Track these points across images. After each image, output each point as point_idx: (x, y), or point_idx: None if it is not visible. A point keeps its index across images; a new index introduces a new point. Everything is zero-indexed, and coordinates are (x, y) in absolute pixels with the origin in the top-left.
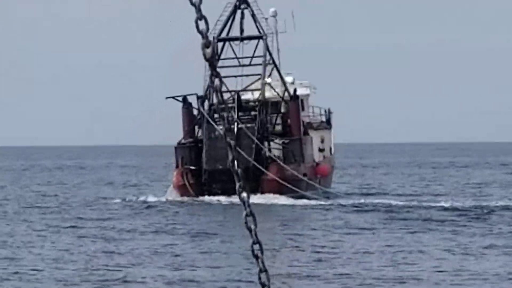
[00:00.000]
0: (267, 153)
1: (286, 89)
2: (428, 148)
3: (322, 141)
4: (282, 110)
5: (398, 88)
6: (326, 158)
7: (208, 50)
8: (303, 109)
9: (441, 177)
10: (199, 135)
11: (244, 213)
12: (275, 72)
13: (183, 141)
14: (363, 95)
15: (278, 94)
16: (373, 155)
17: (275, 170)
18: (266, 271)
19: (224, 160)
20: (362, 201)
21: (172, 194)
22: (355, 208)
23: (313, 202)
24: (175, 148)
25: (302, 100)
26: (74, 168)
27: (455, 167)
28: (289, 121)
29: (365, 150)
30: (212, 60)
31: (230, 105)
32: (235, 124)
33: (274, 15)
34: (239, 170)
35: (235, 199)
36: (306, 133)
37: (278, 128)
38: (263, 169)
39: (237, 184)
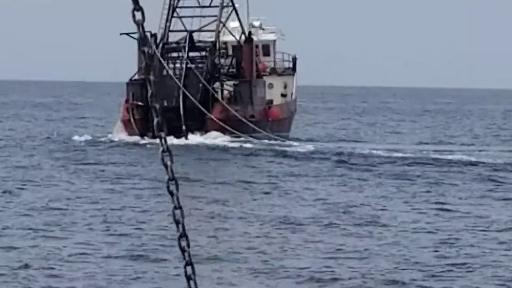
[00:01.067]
0: (213, 93)
1: (243, 32)
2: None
3: (285, 87)
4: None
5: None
6: (287, 103)
7: None
8: (268, 55)
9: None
10: None
11: (161, 149)
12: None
13: (136, 77)
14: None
15: (234, 36)
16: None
17: (218, 110)
18: (181, 208)
19: (171, 98)
20: (310, 147)
21: (119, 130)
22: (301, 154)
23: (257, 145)
24: (127, 84)
25: (268, 46)
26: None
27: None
28: (242, 63)
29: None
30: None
31: (181, 44)
32: (185, 63)
33: None
34: (157, 106)
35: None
36: (259, 77)
37: (233, 70)
38: (204, 110)
39: (155, 120)
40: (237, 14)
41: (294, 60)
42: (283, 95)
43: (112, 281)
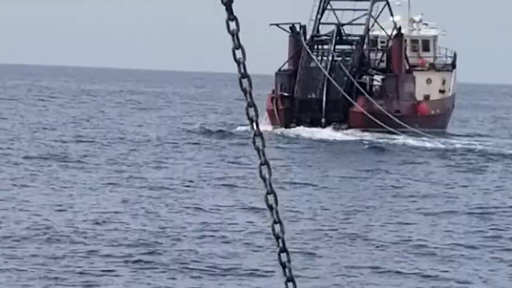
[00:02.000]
0: (357, 87)
1: (394, 27)
2: None
3: (444, 83)
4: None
5: None
6: (444, 99)
7: None
8: (428, 50)
9: None
10: None
11: (252, 133)
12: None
13: (285, 67)
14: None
15: (384, 31)
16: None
17: (361, 104)
18: (280, 222)
19: (316, 90)
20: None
21: (263, 121)
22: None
23: (401, 140)
24: (276, 74)
25: (427, 41)
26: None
27: None
28: (391, 58)
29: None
30: (229, 4)
31: (326, 38)
32: (331, 56)
33: None
34: (254, 124)
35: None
36: (409, 72)
37: (383, 65)
38: (347, 102)
39: (252, 132)
40: (390, 9)
41: (454, 57)
42: (441, 91)
43: None
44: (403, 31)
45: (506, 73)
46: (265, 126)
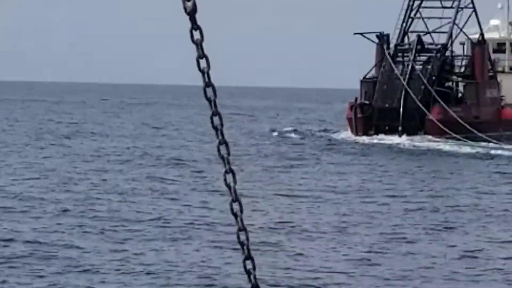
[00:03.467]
0: (434, 94)
1: (481, 34)
2: None
3: None
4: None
5: None
6: None
7: (189, 4)
8: None
9: None
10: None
11: (217, 141)
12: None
13: (368, 75)
14: None
15: (467, 37)
16: None
17: (436, 112)
18: (238, 201)
19: (394, 98)
20: None
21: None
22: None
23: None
24: (361, 82)
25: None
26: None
27: None
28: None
29: None
30: (193, 14)
31: (407, 47)
32: (410, 65)
33: None
34: (214, 100)
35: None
36: (493, 77)
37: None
38: (423, 111)
39: (217, 141)
40: (477, 16)
41: None
42: None
43: None
44: (502, 34)
45: None
46: (345, 133)
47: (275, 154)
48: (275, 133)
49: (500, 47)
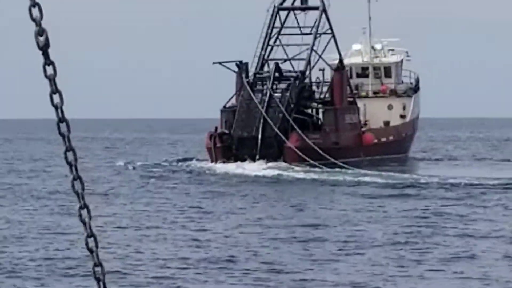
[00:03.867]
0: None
1: (340, 60)
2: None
3: (404, 108)
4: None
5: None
6: (404, 124)
7: (41, 39)
8: (390, 76)
9: None
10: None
11: (64, 148)
12: (365, 39)
13: (229, 104)
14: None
15: (328, 64)
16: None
17: (294, 139)
18: (87, 207)
19: (252, 127)
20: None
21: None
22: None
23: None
24: (221, 111)
25: (389, 68)
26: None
27: None
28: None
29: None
30: (45, 49)
31: (265, 74)
32: (268, 93)
33: None
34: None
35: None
36: (352, 103)
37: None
38: (282, 138)
39: (71, 177)
40: (336, 41)
41: (417, 80)
42: (402, 116)
43: None
44: (365, 58)
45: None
46: (204, 162)
47: (129, 186)
48: (130, 166)
49: (363, 71)
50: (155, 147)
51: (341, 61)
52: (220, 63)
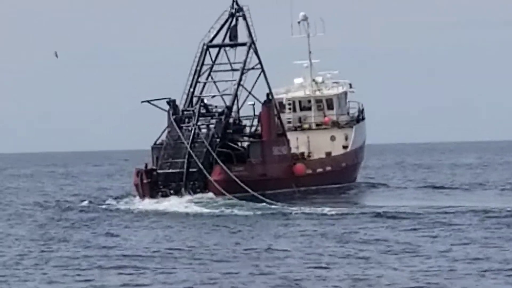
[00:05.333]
0: (215, 156)
1: (270, 92)
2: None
3: (346, 139)
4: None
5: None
6: (346, 154)
7: None
8: (332, 108)
9: None
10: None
11: None
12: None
13: (159, 141)
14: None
15: (254, 97)
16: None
17: (217, 172)
18: None
19: (178, 163)
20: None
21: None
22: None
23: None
24: (152, 148)
25: (331, 100)
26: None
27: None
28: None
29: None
30: None
31: (188, 111)
32: (193, 129)
33: (304, 19)
34: None
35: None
36: (282, 135)
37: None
38: (204, 172)
39: None
40: (265, 76)
41: (359, 110)
42: (345, 147)
43: None
44: (307, 91)
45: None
46: (130, 198)
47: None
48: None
49: (306, 104)
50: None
51: (268, 94)
52: (148, 101)
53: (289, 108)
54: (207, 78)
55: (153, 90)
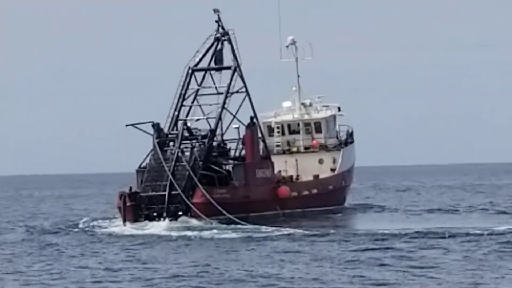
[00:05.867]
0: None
1: (254, 115)
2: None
3: (334, 162)
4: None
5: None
6: (333, 176)
7: None
8: (320, 132)
9: None
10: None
11: None
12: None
13: (143, 164)
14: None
15: (239, 120)
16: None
17: (199, 195)
18: None
19: (161, 186)
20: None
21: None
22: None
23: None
24: (136, 171)
25: (319, 123)
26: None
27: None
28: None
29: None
30: None
31: (172, 134)
32: (176, 152)
33: (293, 43)
34: None
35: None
36: (266, 158)
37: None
38: (184, 196)
39: None
40: (250, 100)
41: (348, 134)
42: (332, 170)
43: None
44: (296, 115)
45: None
46: (115, 222)
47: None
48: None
49: (295, 127)
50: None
51: (252, 118)
52: (132, 125)
53: (278, 132)
54: (192, 102)
55: (137, 113)
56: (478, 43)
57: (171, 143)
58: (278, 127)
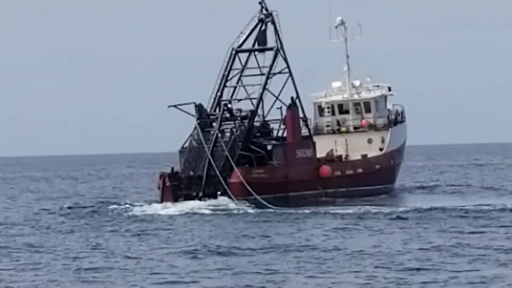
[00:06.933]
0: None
1: (297, 96)
2: None
3: (383, 141)
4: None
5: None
6: (380, 156)
7: None
8: (369, 111)
9: None
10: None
11: None
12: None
13: (186, 145)
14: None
15: (281, 101)
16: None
17: (236, 175)
18: None
19: (200, 166)
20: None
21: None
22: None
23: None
24: (179, 152)
25: (368, 103)
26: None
27: None
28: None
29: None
30: None
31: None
32: (215, 133)
33: (342, 23)
34: None
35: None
36: (307, 138)
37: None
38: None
39: None
40: (293, 81)
41: (398, 113)
42: (381, 149)
43: None
44: (346, 95)
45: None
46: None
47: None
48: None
49: (344, 108)
50: None
51: (292, 98)
52: (175, 106)
53: (328, 112)
54: (237, 83)
55: (181, 94)
56: None
57: (213, 124)
58: (328, 107)
